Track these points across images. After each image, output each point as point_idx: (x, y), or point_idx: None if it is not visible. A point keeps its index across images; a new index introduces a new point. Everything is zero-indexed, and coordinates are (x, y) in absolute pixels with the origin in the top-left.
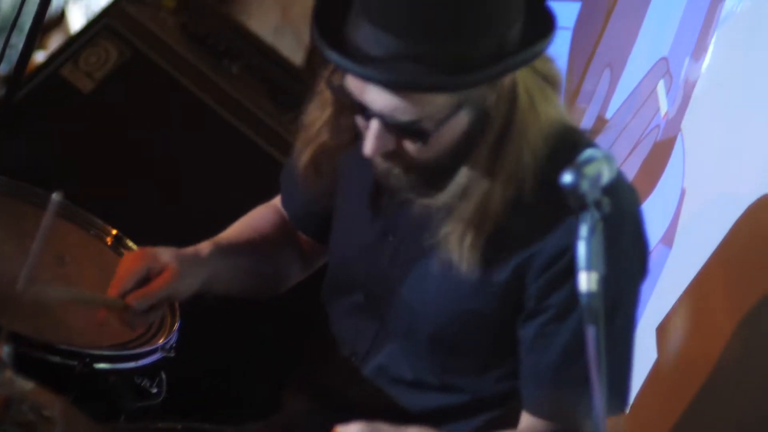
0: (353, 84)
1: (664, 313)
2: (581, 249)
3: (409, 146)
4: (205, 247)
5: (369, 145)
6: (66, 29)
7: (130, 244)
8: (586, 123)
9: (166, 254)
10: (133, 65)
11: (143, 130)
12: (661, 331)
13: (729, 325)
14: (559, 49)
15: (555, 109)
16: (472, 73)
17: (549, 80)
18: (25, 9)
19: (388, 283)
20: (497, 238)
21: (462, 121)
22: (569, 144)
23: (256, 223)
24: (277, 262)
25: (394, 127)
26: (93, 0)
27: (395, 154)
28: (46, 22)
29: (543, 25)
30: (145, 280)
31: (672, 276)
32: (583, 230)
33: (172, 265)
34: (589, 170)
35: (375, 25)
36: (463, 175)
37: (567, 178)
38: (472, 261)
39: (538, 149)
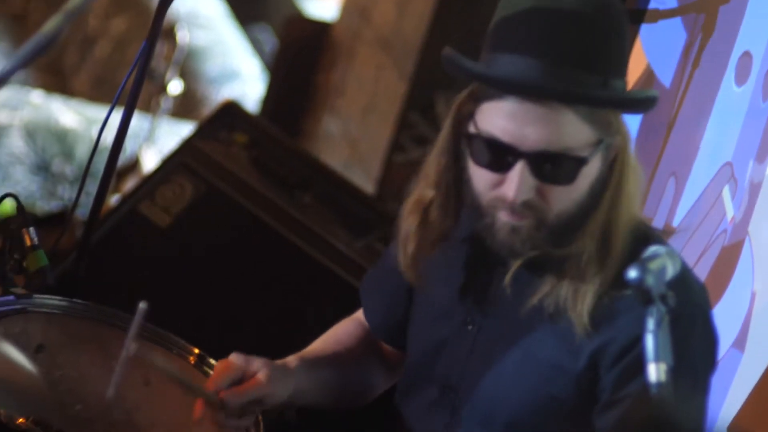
0: (499, 124)
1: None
2: (649, 341)
3: (550, 191)
4: (292, 360)
5: (514, 187)
6: (140, 174)
7: (212, 361)
8: None
9: (257, 362)
10: (208, 199)
11: (220, 262)
12: (732, 429)
13: None
14: None
15: (638, 197)
16: (618, 97)
17: (636, 168)
18: (101, 157)
19: (465, 374)
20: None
21: (596, 163)
22: (643, 236)
23: (339, 337)
24: (362, 373)
25: (541, 167)
26: (166, 144)
27: (533, 204)
28: (122, 167)
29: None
30: (237, 383)
31: (744, 380)
32: (650, 323)
33: (264, 370)
34: (654, 265)
35: (520, 54)
36: (587, 233)
37: (632, 273)
38: (585, 320)
39: (630, 228)
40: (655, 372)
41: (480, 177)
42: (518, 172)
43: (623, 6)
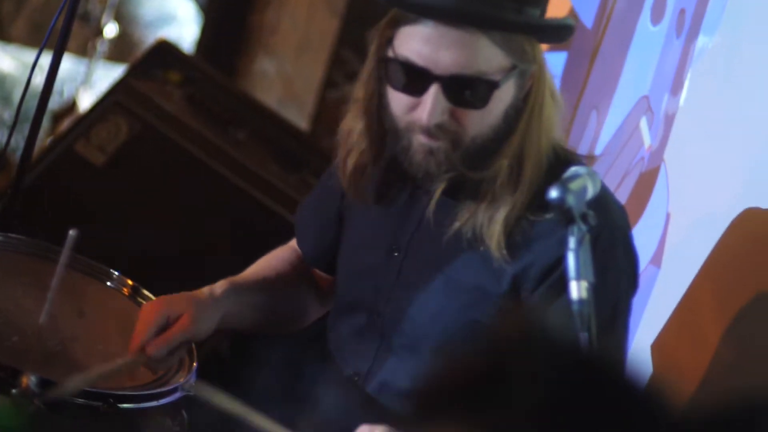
0: (415, 48)
1: (657, 331)
2: (570, 260)
3: (464, 115)
4: (219, 286)
5: (428, 110)
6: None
7: (147, 293)
8: None
9: (181, 301)
10: (143, 137)
11: (156, 198)
12: (655, 347)
13: (717, 334)
14: None
15: (557, 124)
16: (532, 23)
17: (554, 97)
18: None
19: (392, 300)
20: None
21: (510, 89)
22: (563, 160)
23: (272, 263)
24: (293, 298)
25: (454, 90)
26: (103, 88)
27: (447, 126)
28: (59, 111)
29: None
30: (164, 328)
31: (662, 294)
32: (572, 242)
33: (188, 312)
34: (574, 185)
35: None
36: (501, 157)
37: (554, 193)
38: (502, 245)
39: (550, 152)
40: (576, 289)
41: (396, 101)
42: (432, 95)
43: None
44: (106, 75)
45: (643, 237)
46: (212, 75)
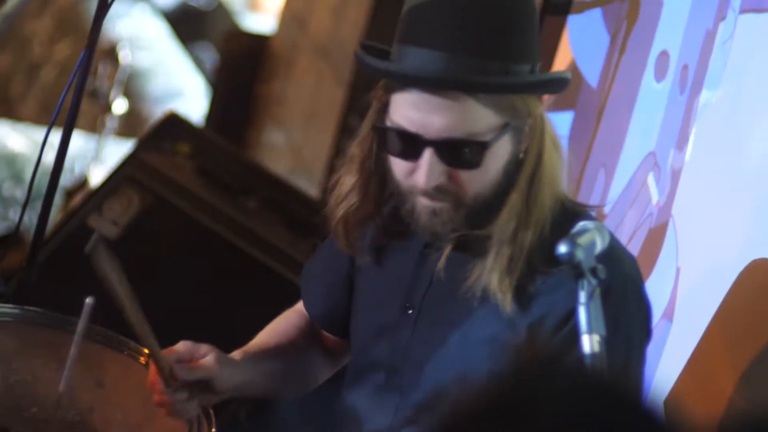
0: (405, 115)
1: (670, 386)
2: (582, 314)
3: (461, 176)
4: (237, 354)
5: (424, 174)
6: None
7: None
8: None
9: (205, 347)
10: (155, 209)
11: (170, 269)
12: (669, 402)
13: (730, 385)
14: None
15: (561, 175)
16: (518, 82)
17: (557, 148)
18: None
19: (409, 357)
20: (516, 293)
21: (505, 146)
22: (570, 213)
23: (281, 328)
24: (304, 363)
25: (447, 153)
26: (114, 161)
27: (446, 188)
28: (71, 187)
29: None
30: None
31: (676, 348)
32: (582, 296)
33: (212, 354)
34: (583, 240)
35: (424, 47)
36: (505, 212)
37: (563, 248)
38: (508, 295)
39: (555, 204)
40: (588, 343)
41: (396, 166)
42: (426, 159)
43: None
44: (117, 151)
45: (655, 291)
46: (221, 145)
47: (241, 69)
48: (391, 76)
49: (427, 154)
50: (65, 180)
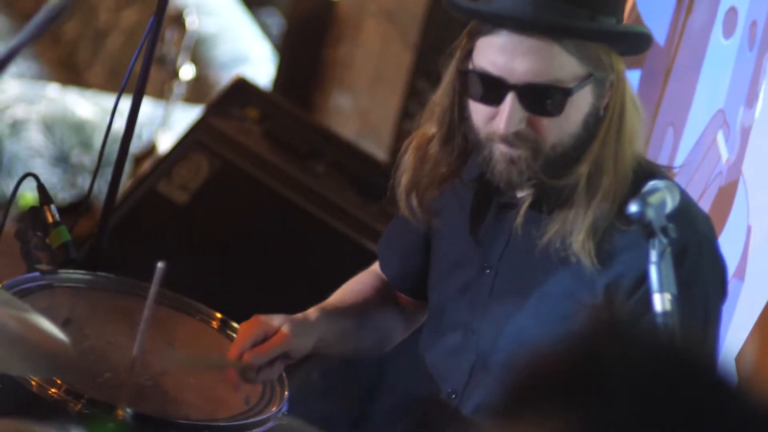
0: (490, 58)
1: (741, 344)
2: (653, 273)
3: (541, 123)
4: (312, 312)
5: (504, 119)
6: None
7: (235, 325)
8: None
9: (278, 319)
10: (224, 174)
11: (239, 234)
12: (739, 360)
13: None
14: None
15: (640, 135)
16: (605, 30)
17: (636, 108)
18: (117, 145)
19: (487, 317)
20: (595, 251)
21: (587, 97)
22: (647, 173)
23: (357, 288)
24: (380, 323)
25: (529, 99)
26: (182, 128)
27: (525, 135)
28: (139, 154)
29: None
30: (261, 342)
31: (747, 307)
32: (653, 255)
33: (286, 326)
34: (653, 199)
35: None
36: (584, 166)
37: (633, 207)
38: (591, 253)
39: (633, 163)
40: (660, 302)
41: (476, 111)
42: (508, 104)
43: None
44: (184, 117)
45: (726, 250)
46: (289, 110)
47: (308, 34)
48: (481, 16)
49: (509, 99)
50: (134, 147)
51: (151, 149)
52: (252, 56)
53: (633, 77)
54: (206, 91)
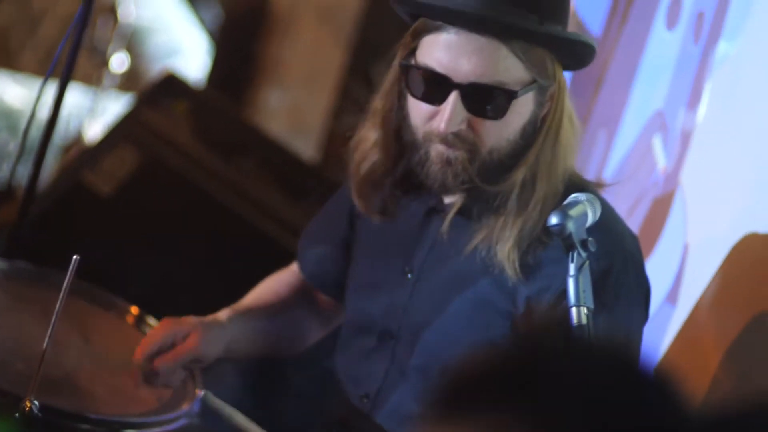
0: (436, 56)
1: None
2: (570, 286)
3: (481, 125)
4: (224, 314)
5: (446, 118)
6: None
7: (151, 321)
8: None
9: (189, 323)
10: (150, 168)
11: (163, 228)
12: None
13: (716, 359)
14: None
15: (574, 151)
16: (554, 34)
17: (573, 123)
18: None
19: (404, 322)
20: (520, 261)
21: (529, 104)
22: (578, 187)
23: (273, 287)
24: (295, 322)
25: (473, 99)
26: (111, 117)
27: (465, 136)
28: (67, 142)
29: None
30: (171, 346)
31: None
32: (572, 268)
33: (195, 333)
34: (574, 212)
35: None
36: (518, 173)
37: (553, 219)
38: (515, 264)
39: (565, 177)
40: (577, 315)
41: (416, 110)
42: (451, 102)
43: None
44: (115, 106)
45: (658, 270)
46: (218, 106)
47: (243, 28)
48: (430, 10)
49: (452, 98)
50: (61, 135)
51: (78, 138)
52: (186, 48)
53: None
54: (139, 82)
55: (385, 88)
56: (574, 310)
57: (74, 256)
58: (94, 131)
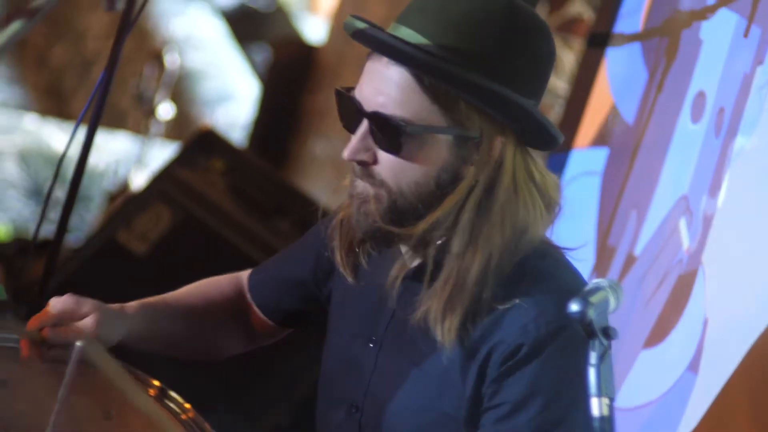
0: (359, 83)
1: None
2: (591, 375)
3: (384, 159)
4: (132, 305)
5: (350, 146)
6: None
7: (174, 395)
8: (617, 261)
9: (89, 305)
10: (185, 226)
11: None
12: None
13: None
14: (589, 193)
15: (535, 216)
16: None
17: (540, 190)
18: (90, 181)
19: (369, 393)
20: (465, 332)
21: (441, 150)
22: (540, 253)
23: (206, 290)
24: (215, 331)
25: (375, 129)
26: (156, 165)
27: (371, 170)
28: (115, 190)
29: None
30: (66, 322)
31: (699, 402)
32: (593, 357)
33: (94, 315)
34: (596, 299)
35: (400, 23)
36: (425, 222)
37: (574, 306)
38: (452, 337)
39: (508, 241)
40: (597, 406)
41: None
42: (359, 130)
43: (533, 24)
44: (162, 154)
45: (681, 342)
46: (256, 164)
47: (290, 77)
48: (347, 29)
49: (363, 126)
50: (109, 183)
51: (125, 186)
52: (237, 94)
53: (600, 155)
54: (188, 128)
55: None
56: (594, 400)
57: (77, 342)
58: (140, 179)
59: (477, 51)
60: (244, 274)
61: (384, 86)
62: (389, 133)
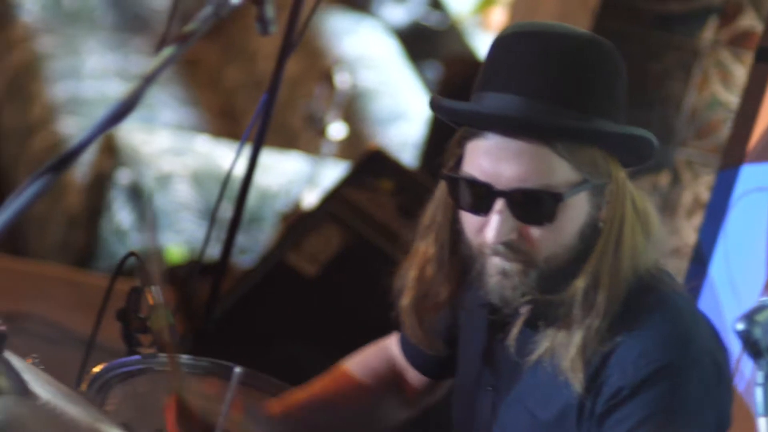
0: (478, 163)
1: None
2: (759, 395)
3: (532, 233)
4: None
5: (493, 229)
6: None
7: None
8: None
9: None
10: (355, 248)
11: (367, 308)
12: None
13: None
14: (760, 209)
15: (647, 246)
16: (598, 130)
17: (641, 217)
18: (264, 202)
19: None
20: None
21: (583, 205)
22: (647, 287)
23: (357, 378)
24: (368, 411)
25: (518, 206)
26: (327, 185)
27: (517, 246)
28: (287, 211)
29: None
30: None
31: None
32: (759, 377)
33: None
34: (761, 317)
35: (501, 92)
36: (580, 281)
37: (739, 326)
38: (579, 372)
39: (631, 278)
40: (765, 427)
41: (467, 222)
42: (497, 211)
43: (612, 46)
44: (335, 174)
45: None
46: (424, 183)
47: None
48: (467, 116)
49: (498, 206)
50: (281, 204)
51: (297, 207)
52: (410, 112)
53: None
54: (361, 148)
55: (437, 199)
56: (762, 420)
57: (235, 369)
58: (311, 200)
59: (588, 95)
60: (392, 341)
61: (517, 160)
62: (540, 206)
